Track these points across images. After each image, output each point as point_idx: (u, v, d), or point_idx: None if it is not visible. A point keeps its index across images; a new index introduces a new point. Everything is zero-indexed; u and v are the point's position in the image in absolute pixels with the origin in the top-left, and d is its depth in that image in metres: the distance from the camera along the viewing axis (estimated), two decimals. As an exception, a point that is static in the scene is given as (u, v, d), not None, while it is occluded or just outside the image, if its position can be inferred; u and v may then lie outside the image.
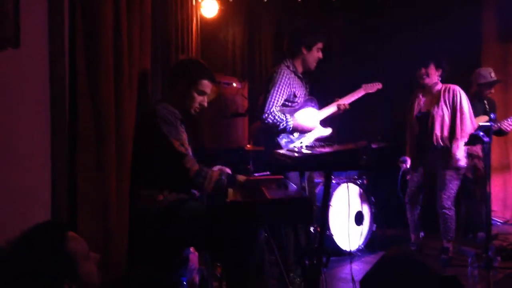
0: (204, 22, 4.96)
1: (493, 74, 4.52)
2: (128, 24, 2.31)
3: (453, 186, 4.07)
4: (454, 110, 4.01)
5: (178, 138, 2.52)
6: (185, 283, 2.83)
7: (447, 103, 4.03)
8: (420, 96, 4.19)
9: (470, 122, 3.98)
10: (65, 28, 1.97)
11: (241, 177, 2.60)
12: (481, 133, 3.59)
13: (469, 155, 4.23)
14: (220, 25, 5.24)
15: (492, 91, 4.53)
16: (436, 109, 4.03)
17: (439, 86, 4.12)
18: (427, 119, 4.07)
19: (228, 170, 2.75)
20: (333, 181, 4.49)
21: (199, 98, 2.71)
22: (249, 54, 5.51)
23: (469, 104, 4.06)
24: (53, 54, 1.90)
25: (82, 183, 2.03)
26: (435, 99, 4.10)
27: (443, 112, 4.01)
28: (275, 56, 5.49)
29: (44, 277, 1.49)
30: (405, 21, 5.59)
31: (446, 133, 4.01)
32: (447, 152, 4.03)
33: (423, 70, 4.07)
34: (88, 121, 2.04)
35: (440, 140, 4.00)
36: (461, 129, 3.97)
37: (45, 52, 1.88)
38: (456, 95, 4.03)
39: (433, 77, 4.08)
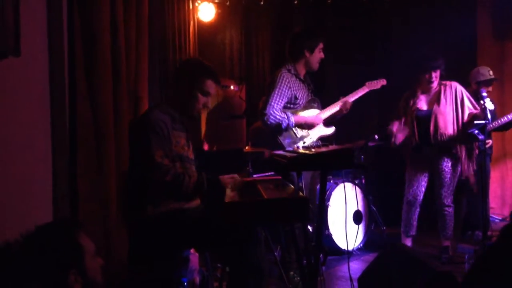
0: (202, 25, 5.00)
1: (491, 72, 4.56)
2: (125, 28, 2.35)
3: (453, 183, 4.10)
4: (457, 106, 4.04)
5: (162, 150, 2.46)
6: (185, 283, 2.87)
7: (448, 100, 4.05)
8: (420, 96, 4.19)
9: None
10: (64, 34, 2.02)
11: (224, 179, 2.57)
12: (476, 131, 3.62)
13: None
14: (217, 28, 5.28)
15: (490, 89, 4.57)
16: (437, 107, 4.05)
17: (436, 84, 4.14)
18: (429, 118, 4.08)
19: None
20: (331, 181, 4.53)
21: (203, 99, 2.67)
22: (246, 57, 5.55)
23: (471, 98, 4.08)
24: (52, 60, 1.95)
25: (82, 183, 2.08)
26: (435, 97, 4.12)
27: (445, 110, 4.03)
28: (273, 58, 5.53)
29: (53, 263, 1.58)
30: (400, 21, 5.63)
31: (449, 130, 4.03)
32: (448, 149, 4.05)
33: (433, 74, 4.07)
34: (87, 124, 2.09)
35: (443, 138, 4.02)
36: (462, 122, 4.00)
37: (45, 59, 1.93)
38: (457, 91, 4.06)
39: (438, 79, 4.12)
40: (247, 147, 4.24)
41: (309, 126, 3.67)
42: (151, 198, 2.49)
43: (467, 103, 4.04)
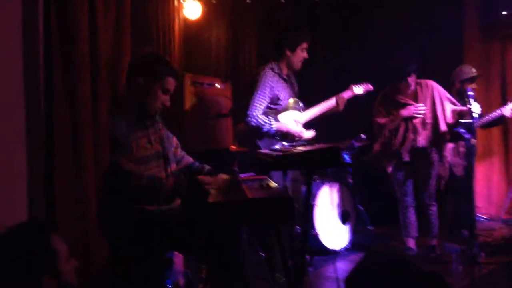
0: (187, 23, 4.94)
1: (473, 70, 4.56)
2: (105, 25, 2.29)
3: (433, 183, 4.10)
4: (435, 105, 4.02)
5: (127, 157, 2.38)
6: (169, 286, 2.82)
7: (428, 100, 4.04)
8: (400, 99, 4.15)
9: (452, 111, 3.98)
10: (40, 31, 1.95)
11: (203, 178, 2.51)
12: (462, 130, 3.61)
13: (457, 152, 4.25)
14: (203, 26, 5.22)
15: (475, 87, 4.56)
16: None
17: (414, 85, 4.12)
18: (410, 119, 4.06)
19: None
20: (318, 180, 4.50)
21: (162, 97, 2.53)
22: (233, 55, 5.50)
23: (448, 95, 4.07)
24: (27, 58, 1.89)
25: (60, 185, 2.01)
26: (411, 97, 4.11)
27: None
28: (259, 56, 5.49)
29: (25, 268, 1.53)
30: (387, 20, 5.62)
31: (427, 131, 4.02)
32: (428, 150, 4.05)
33: (410, 80, 4.03)
34: (65, 122, 2.03)
35: (422, 140, 4.02)
36: (445, 121, 3.98)
37: (19, 56, 1.87)
38: (434, 90, 4.05)
39: (415, 80, 4.10)
40: (233, 146, 4.20)
41: (290, 136, 3.60)
42: (130, 199, 2.42)
43: (446, 100, 4.03)
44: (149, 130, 2.59)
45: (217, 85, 4.78)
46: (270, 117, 3.52)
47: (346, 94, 3.89)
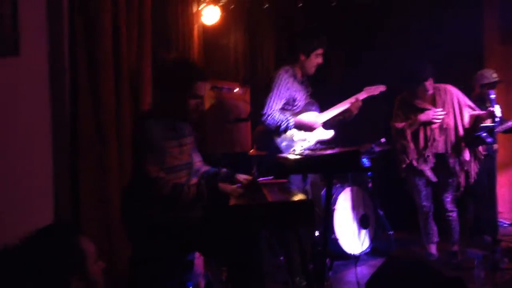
0: (206, 29, 4.98)
1: (495, 75, 4.50)
2: (127, 29, 2.33)
3: (453, 188, 4.05)
4: (454, 110, 3.98)
5: (157, 163, 2.40)
6: (190, 287, 2.84)
7: (446, 105, 4.00)
8: (418, 104, 4.12)
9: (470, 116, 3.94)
10: (65, 33, 2.00)
11: (224, 186, 2.53)
12: (484, 134, 3.56)
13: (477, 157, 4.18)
14: (221, 32, 5.25)
15: (495, 92, 4.50)
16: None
17: (432, 89, 4.08)
18: (428, 124, 4.03)
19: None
20: (338, 184, 4.48)
21: (193, 102, 2.55)
22: (251, 60, 5.52)
23: (467, 99, 4.03)
24: (53, 59, 1.93)
25: (84, 185, 2.06)
26: (429, 101, 4.06)
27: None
28: (277, 61, 5.50)
29: (53, 269, 1.55)
30: (405, 23, 5.58)
31: (446, 137, 3.98)
32: (446, 155, 4.00)
33: (427, 84, 3.99)
34: (89, 124, 2.07)
35: (441, 145, 3.98)
36: (463, 126, 3.94)
37: (45, 58, 1.91)
38: (453, 94, 4.01)
39: (432, 84, 4.07)
40: (251, 150, 4.22)
41: (308, 129, 3.60)
42: (153, 204, 2.45)
43: (465, 105, 3.98)
44: (181, 139, 2.62)
45: (236, 90, 4.81)
46: (286, 114, 3.51)
47: (361, 96, 3.87)
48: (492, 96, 3.64)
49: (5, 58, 1.68)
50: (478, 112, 3.92)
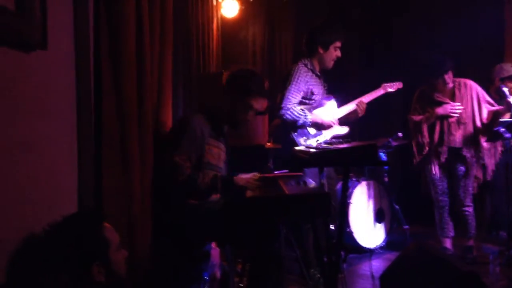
0: (225, 22, 5.01)
1: None
2: (150, 24, 2.37)
3: (469, 183, 4.04)
4: (473, 105, 3.96)
5: (188, 153, 2.49)
6: (207, 277, 2.89)
7: (464, 99, 3.98)
8: (436, 97, 4.10)
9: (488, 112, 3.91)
10: (90, 27, 2.05)
11: (239, 178, 2.58)
12: (502, 129, 3.54)
13: (495, 152, 4.15)
14: (240, 25, 5.29)
15: None
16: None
17: (451, 83, 4.06)
18: (445, 118, 4.02)
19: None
20: (354, 178, 4.50)
21: (249, 113, 2.70)
22: (269, 53, 5.54)
23: (486, 95, 4.00)
24: (79, 54, 1.98)
25: (107, 178, 2.11)
26: (449, 97, 4.04)
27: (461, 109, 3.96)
28: (295, 54, 5.51)
29: (78, 255, 1.61)
30: (424, 16, 5.55)
31: (463, 131, 3.97)
32: (463, 150, 3.99)
33: (446, 77, 3.97)
34: (112, 118, 2.12)
35: (458, 139, 3.97)
36: (482, 121, 3.92)
37: (71, 53, 1.96)
38: (472, 89, 3.98)
39: (452, 77, 4.04)
40: (268, 144, 4.25)
41: (325, 127, 3.62)
42: (173, 193, 2.50)
43: (484, 101, 3.95)
44: (222, 144, 2.73)
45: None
46: (304, 110, 3.53)
47: (367, 98, 3.85)
48: (504, 89, 3.62)
49: (36, 52, 1.73)
50: (497, 107, 3.90)
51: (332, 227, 3.70)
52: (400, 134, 4.53)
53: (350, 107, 3.76)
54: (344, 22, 5.38)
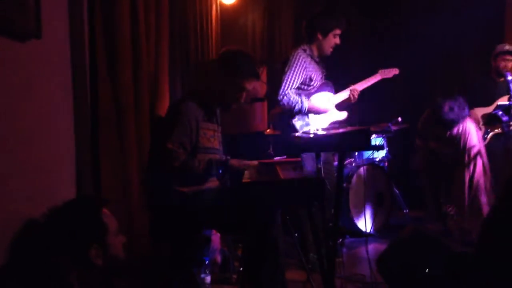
0: (224, 8, 5.00)
1: (507, 46, 4.42)
2: (145, 12, 2.39)
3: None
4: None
5: (181, 141, 2.44)
6: (207, 262, 2.94)
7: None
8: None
9: None
10: (84, 15, 2.06)
11: (233, 161, 2.55)
12: (500, 112, 3.55)
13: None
14: (239, 11, 5.26)
15: (510, 65, 4.41)
16: None
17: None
18: None
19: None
20: (353, 164, 4.52)
21: (242, 94, 2.64)
22: (269, 40, 5.53)
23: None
24: (73, 43, 2.00)
25: (105, 164, 2.14)
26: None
27: None
28: (295, 41, 5.49)
29: (77, 237, 1.66)
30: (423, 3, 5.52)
31: None
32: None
33: None
34: (108, 104, 2.15)
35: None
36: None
37: (66, 40, 1.98)
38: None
39: None
40: (268, 130, 4.27)
41: (319, 114, 3.62)
42: (170, 179, 2.53)
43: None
44: (216, 126, 2.69)
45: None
46: (301, 96, 3.55)
47: (363, 84, 3.86)
48: (509, 78, 3.62)
49: (30, 41, 1.75)
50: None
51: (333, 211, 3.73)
52: (399, 119, 4.53)
53: (344, 94, 3.78)
54: (344, 7, 5.38)
